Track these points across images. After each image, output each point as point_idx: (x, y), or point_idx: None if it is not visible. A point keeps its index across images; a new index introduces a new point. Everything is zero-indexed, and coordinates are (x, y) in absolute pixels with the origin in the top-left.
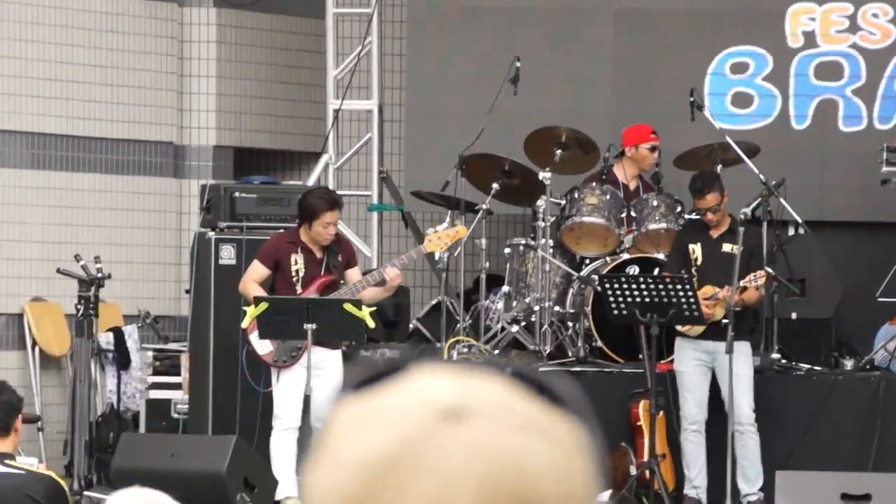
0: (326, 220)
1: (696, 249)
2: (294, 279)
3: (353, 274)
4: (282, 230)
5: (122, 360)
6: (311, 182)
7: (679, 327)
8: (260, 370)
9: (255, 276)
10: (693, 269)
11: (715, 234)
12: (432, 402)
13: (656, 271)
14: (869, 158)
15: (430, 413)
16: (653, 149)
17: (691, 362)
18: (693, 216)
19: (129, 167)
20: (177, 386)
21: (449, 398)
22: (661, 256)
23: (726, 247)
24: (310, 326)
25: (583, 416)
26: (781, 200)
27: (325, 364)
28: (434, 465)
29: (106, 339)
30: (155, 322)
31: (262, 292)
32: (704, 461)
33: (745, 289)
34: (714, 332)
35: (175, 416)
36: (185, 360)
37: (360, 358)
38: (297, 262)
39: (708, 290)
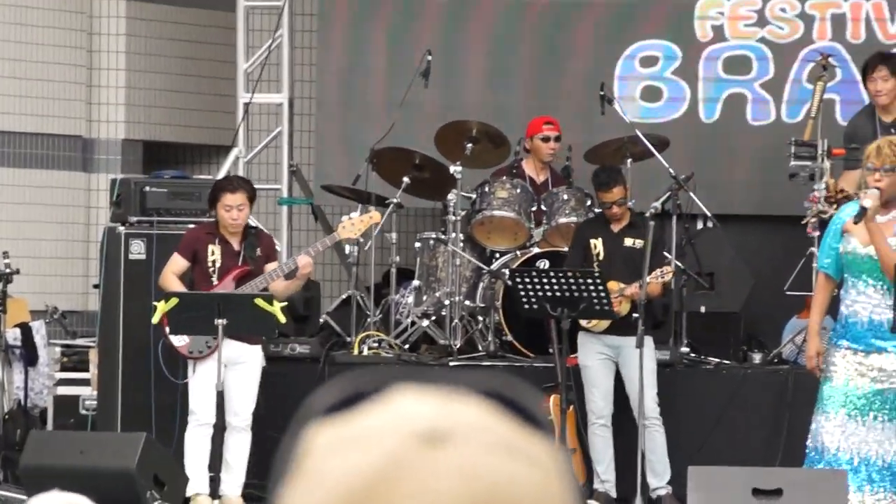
0: (227, 202)
1: (597, 244)
2: (211, 270)
3: (270, 268)
4: (193, 224)
5: (29, 355)
6: (220, 175)
7: (584, 323)
8: (177, 363)
9: (174, 269)
10: (595, 264)
11: (616, 228)
12: (412, 424)
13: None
14: (777, 152)
15: (411, 436)
16: (545, 139)
17: (596, 357)
18: (584, 209)
19: (37, 161)
20: (85, 382)
21: (428, 421)
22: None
23: (628, 241)
24: (220, 322)
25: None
26: (691, 194)
27: (243, 359)
28: (416, 488)
29: (13, 335)
30: (63, 317)
31: (179, 286)
32: (612, 455)
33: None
34: (617, 326)
35: (83, 412)
36: (93, 356)
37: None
38: (214, 254)
39: (613, 285)
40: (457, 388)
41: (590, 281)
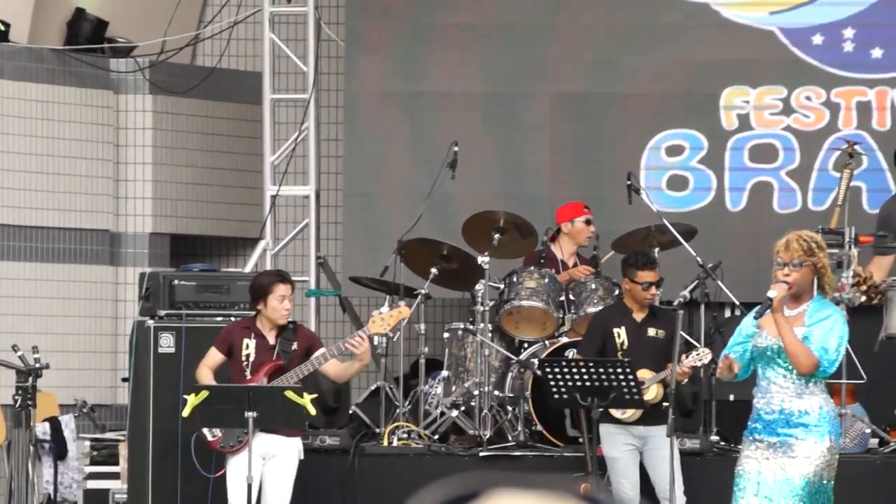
0: (280, 292)
1: (621, 333)
2: (245, 364)
3: (318, 353)
4: (222, 317)
5: (59, 449)
6: (248, 268)
7: (618, 414)
8: (210, 456)
9: (209, 362)
10: (619, 354)
11: (639, 317)
12: None
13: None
14: None
15: None
16: (588, 222)
17: (624, 448)
18: (613, 299)
19: (64, 255)
20: (115, 475)
21: None
22: None
23: (651, 331)
24: (251, 415)
25: None
26: (718, 283)
27: (277, 451)
28: None
29: (42, 429)
30: (91, 411)
31: (210, 379)
32: None
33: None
34: (644, 416)
35: None
36: (122, 450)
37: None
38: (248, 347)
39: (645, 373)
40: (552, 493)
41: (619, 370)
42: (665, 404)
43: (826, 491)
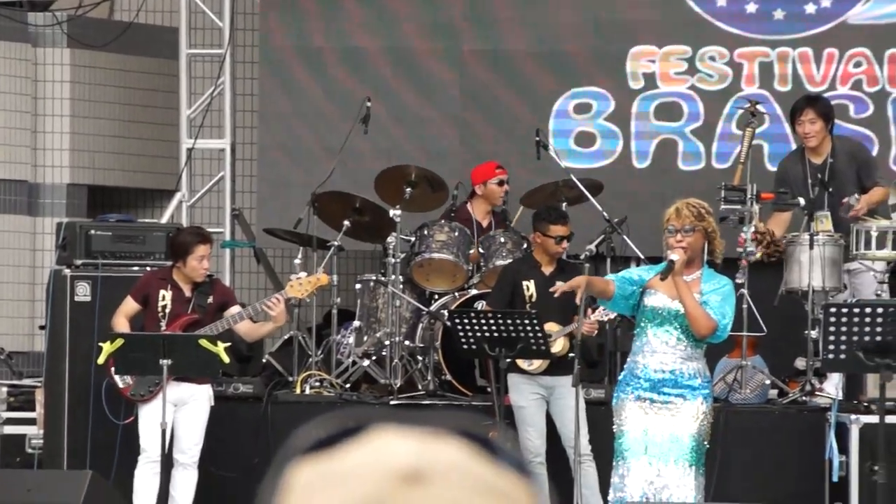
0: (200, 253)
1: (529, 286)
2: (160, 315)
3: (233, 311)
4: (138, 267)
5: None
6: (164, 219)
7: (524, 365)
8: (120, 403)
9: (125, 311)
10: (528, 306)
11: (548, 271)
12: (393, 464)
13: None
14: (708, 196)
15: (391, 475)
16: (500, 182)
17: (531, 397)
18: (521, 252)
19: None
20: (31, 421)
21: (409, 460)
22: None
23: (559, 284)
24: (165, 362)
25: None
26: (624, 237)
27: (188, 398)
28: None
29: None
30: (9, 358)
31: (126, 327)
32: (548, 492)
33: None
34: (551, 366)
35: (30, 451)
36: (39, 396)
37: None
38: (165, 298)
39: (553, 327)
40: (436, 429)
41: (527, 321)
42: (571, 355)
43: (704, 452)
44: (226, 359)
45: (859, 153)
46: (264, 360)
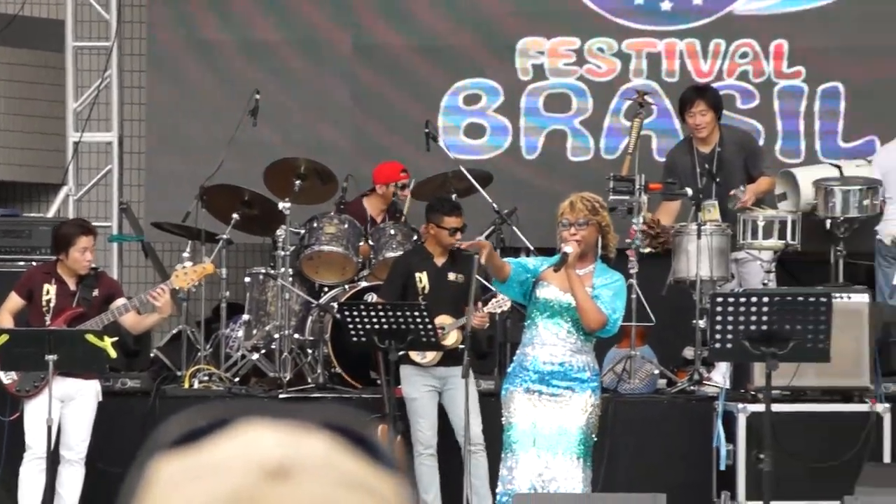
0: (83, 244)
1: (422, 278)
2: (45, 309)
3: (118, 304)
4: (24, 262)
5: None
6: (50, 213)
7: (417, 358)
8: (5, 399)
9: (9, 307)
10: (420, 298)
11: (440, 262)
12: (258, 458)
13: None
14: (597, 187)
15: (256, 470)
16: (403, 187)
17: (423, 389)
18: (411, 244)
19: None
20: None
21: (274, 455)
22: None
23: (451, 276)
24: (51, 358)
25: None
26: (514, 228)
27: (75, 393)
28: None
29: None
30: None
31: (10, 323)
32: (438, 484)
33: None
34: (444, 358)
35: None
36: None
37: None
38: (49, 293)
39: (445, 319)
40: (304, 422)
41: (416, 314)
42: (461, 346)
43: (592, 445)
44: (113, 353)
45: (747, 143)
46: (152, 355)
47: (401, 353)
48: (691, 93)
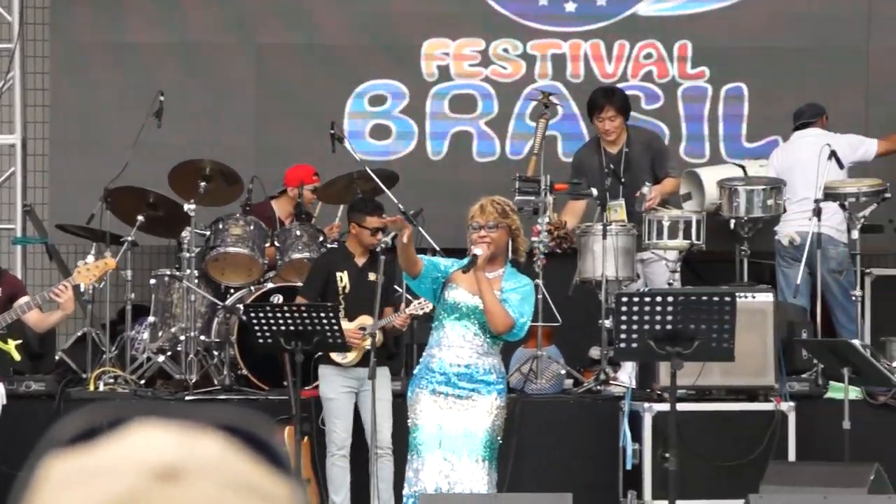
0: None
1: (343, 277)
2: None
3: (21, 302)
4: None
5: None
6: None
7: (335, 357)
8: None
9: None
10: (341, 297)
11: (360, 262)
12: (148, 459)
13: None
14: (502, 188)
15: (146, 471)
16: (314, 190)
17: (341, 389)
18: (335, 243)
19: None
20: None
21: (166, 456)
22: None
23: (371, 275)
24: None
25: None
26: (420, 229)
27: None
28: None
29: None
30: None
31: None
32: (349, 485)
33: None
34: (364, 358)
35: None
36: None
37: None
38: None
39: (366, 319)
40: (196, 423)
41: (323, 315)
42: (368, 347)
43: (498, 447)
44: (17, 356)
45: (654, 144)
46: (57, 358)
47: (319, 353)
48: (600, 98)
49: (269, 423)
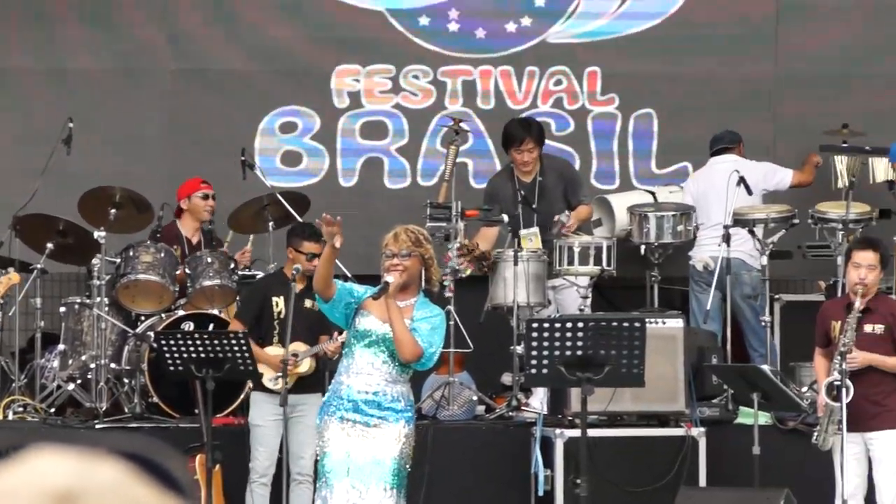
0: None
1: (279, 303)
2: None
3: None
4: None
5: None
6: None
7: (266, 382)
8: None
9: None
10: (276, 322)
11: (298, 288)
12: (47, 484)
13: (211, 326)
14: (414, 214)
15: (45, 496)
16: (205, 196)
17: (270, 416)
18: (228, 272)
19: None
20: None
21: (63, 481)
22: (215, 312)
23: (308, 302)
24: None
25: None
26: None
27: None
28: None
29: None
30: None
31: None
32: None
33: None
34: (296, 385)
35: None
36: None
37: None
38: None
39: (299, 346)
40: (94, 449)
41: (234, 342)
42: (299, 373)
43: (406, 475)
44: None
45: (567, 172)
46: None
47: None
48: (519, 130)
49: (169, 449)
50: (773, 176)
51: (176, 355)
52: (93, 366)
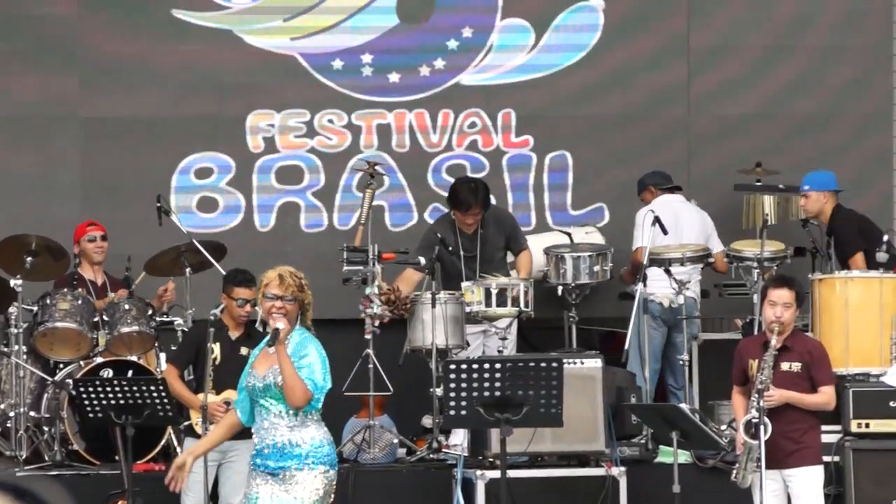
0: None
1: (215, 349)
2: None
3: None
4: None
5: None
6: None
7: (199, 429)
8: None
9: None
10: (211, 369)
11: (234, 335)
12: None
13: (130, 373)
14: (331, 258)
15: None
16: (92, 239)
17: (199, 462)
18: (146, 319)
19: None
20: None
21: None
22: (134, 358)
23: (244, 350)
24: None
25: None
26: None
27: None
28: None
29: None
30: None
31: None
32: None
33: None
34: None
35: None
36: None
37: None
38: None
39: (231, 394)
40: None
41: (153, 388)
42: (195, 421)
43: None
44: None
45: (507, 222)
46: None
47: (187, 423)
48: (468, 196)
49: (47, 480)
50: (710, 235)
51: (95, 402)
52: (12, 414)
